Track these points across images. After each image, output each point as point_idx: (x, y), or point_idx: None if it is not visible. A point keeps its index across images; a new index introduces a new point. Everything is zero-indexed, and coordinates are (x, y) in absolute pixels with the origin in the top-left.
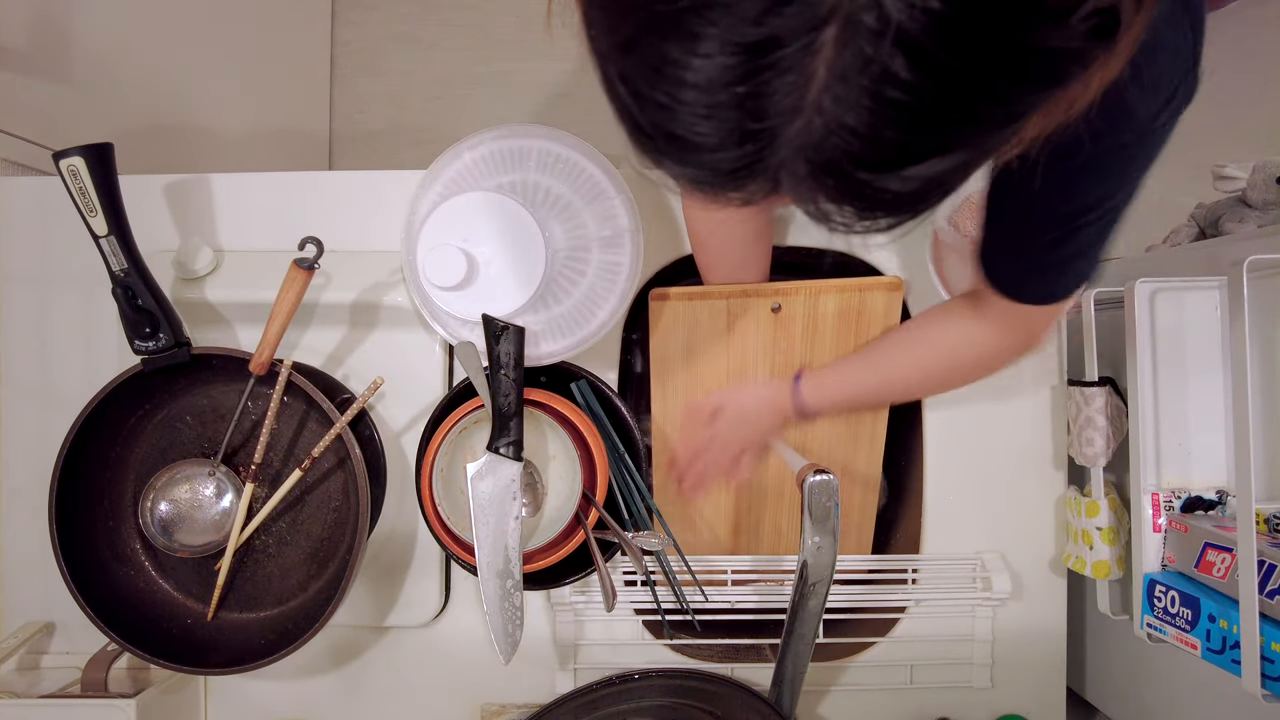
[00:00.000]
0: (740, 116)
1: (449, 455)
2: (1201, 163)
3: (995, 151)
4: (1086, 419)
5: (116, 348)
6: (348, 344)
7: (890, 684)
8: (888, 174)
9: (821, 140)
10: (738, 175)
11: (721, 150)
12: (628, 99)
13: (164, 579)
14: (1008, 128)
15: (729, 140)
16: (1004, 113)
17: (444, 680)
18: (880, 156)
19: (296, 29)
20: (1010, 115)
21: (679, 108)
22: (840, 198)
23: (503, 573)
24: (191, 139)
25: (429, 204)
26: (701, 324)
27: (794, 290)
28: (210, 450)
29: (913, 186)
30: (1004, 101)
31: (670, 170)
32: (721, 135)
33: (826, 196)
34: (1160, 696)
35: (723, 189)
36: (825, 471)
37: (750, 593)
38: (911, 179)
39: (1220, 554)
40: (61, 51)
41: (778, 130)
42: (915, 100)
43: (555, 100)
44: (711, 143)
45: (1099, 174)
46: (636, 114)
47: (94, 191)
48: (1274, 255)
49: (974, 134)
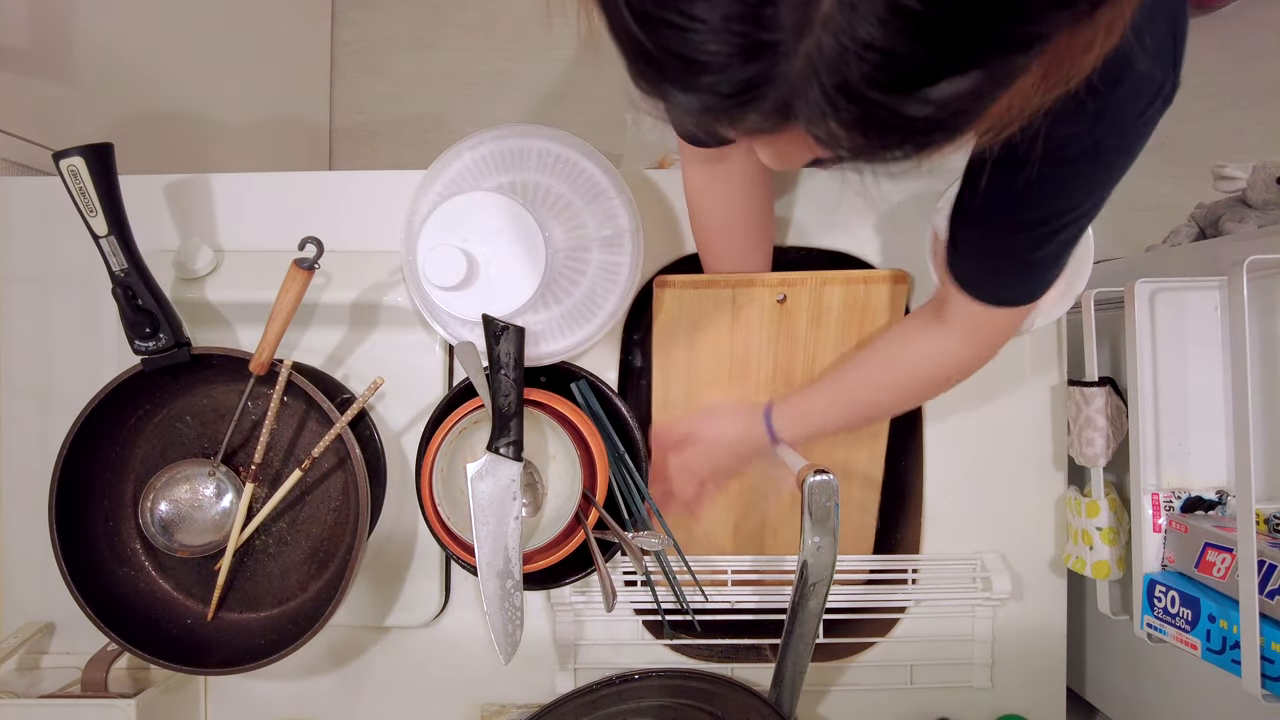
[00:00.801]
0: (749, 30)
1: (449, 455)
2: (1201, 163)
3: (1009, 83)
4: (1086, 419)
5: (116, 348)
6: (348, 344)
7: (890, 684)
8: (901, 95)
9: (833, 57)
10: (746, 97)
11: (730, 68)
12: (634, 26)
13: (164, 579)
14: (1022, 53)
15: (738, 57)
16: (1020, 32)
17: (444, 680)
18: (894, 75)
19: (296, 29)
20: (1026, 37)
21: (688, 25)
22: (852, 123)
23: (503, 573)
24: (192, 139)
25: (429, 204)
26: (706, 312)
27: (800, 281)
28: (210, 450)
29: (926, 111)
30: (1021, 16)
31: (677, 102)
32: (730, 51)
33: (838, 122)
34: (1160, 696)
35: (731, 115)
36: (825, 471)
37: (750, 593)
38: (925, 102)
39: (1220, 554)
40: (61, 51)
41: (787, 45)
42: (930, 11)
43: (555, 100)
44: (720, 60)
45: (1085, 175)
46: (643, 39)
47: (94, 191)
48: (1274, 255)
49: (989, 53)
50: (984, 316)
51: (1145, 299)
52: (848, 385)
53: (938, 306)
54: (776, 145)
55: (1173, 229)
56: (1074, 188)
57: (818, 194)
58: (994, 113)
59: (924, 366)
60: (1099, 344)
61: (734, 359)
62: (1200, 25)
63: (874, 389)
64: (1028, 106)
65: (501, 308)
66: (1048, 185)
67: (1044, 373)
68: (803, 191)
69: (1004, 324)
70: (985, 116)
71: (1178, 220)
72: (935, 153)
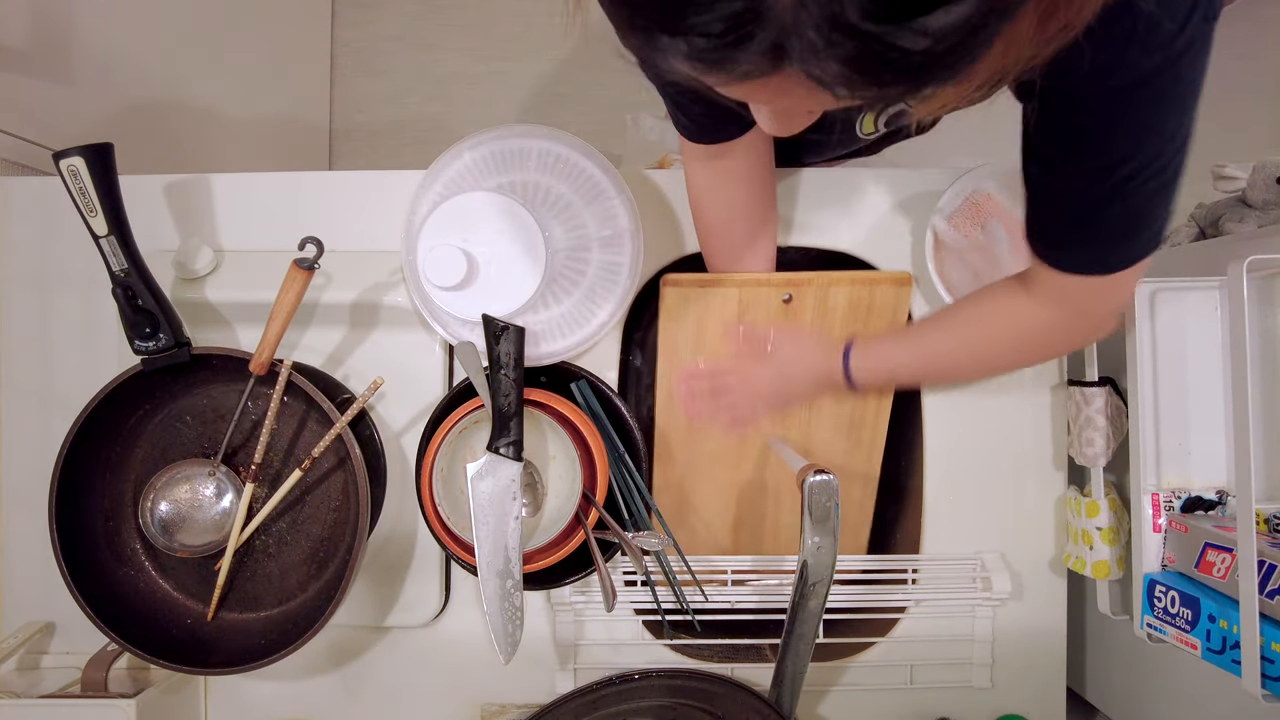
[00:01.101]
0: None
1: (449, 455)
2: (1201, 163)
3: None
4: (1086, 419)
5: (116, 348)
6: (348, 344)
7: (890, 684)
8: (896, 25)
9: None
10: (736, 35)
11: (718, 4)
12: None
13: (164, 579)
14: None
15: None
16: None
17: (444, 680)
18: (887, 3)
19: (296, 29)
20: None
21: None
22: (847, 59)
23: (503, 573)
24: (191, 139)
25: (429, 204)
26: (712, 311)
27: (806, 281)
28: (210, 450)
29: (923, 44)
30: None
31: (667, 49)
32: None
33: (833, 57)
34: (1160, 696)
35: (721, 60)
36: (825, 471)
37: (750, 593)
38: (922, 33)
39: (1220, 554)
40: (61, 51)
41: None
42: None
43: (555, 100)
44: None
45: (1127, 112)
46: None
47: (94, 191)
48: (1274, 255)
49: None
50: (1069, 285)
51: (1145, 299)
52: (930, 336)
53: (1027, 271)
54: (775, 102)
55: (1173, 229)
56: (1129, 127)
57: (815, 193)
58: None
59: (999, 326)
60: (1099, 344)
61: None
62: None
63: (954, 345)
64: (1024, 53)
65: (501, 308)
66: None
67: (1044, 373)
68: (803, 192)
69: (1087, 291)
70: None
71: (1178, 220)
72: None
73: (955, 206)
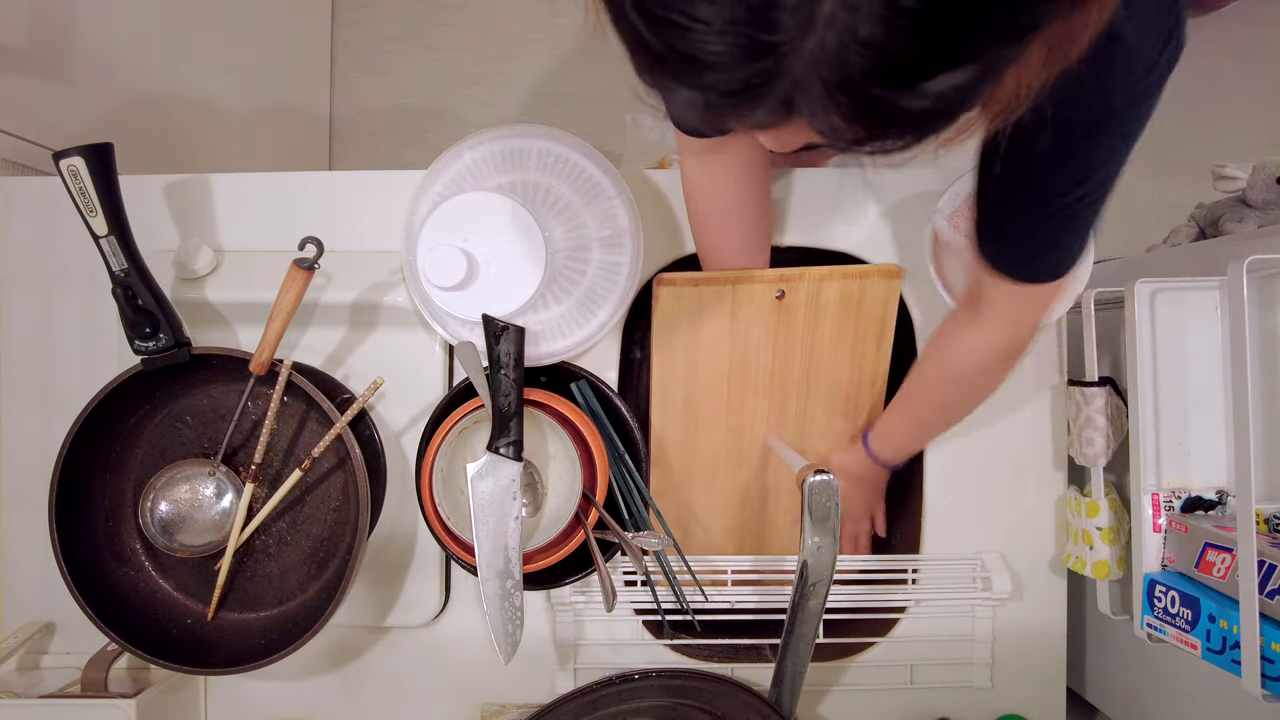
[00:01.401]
0: (752, 31)
1: (449, 455)
2: (1201, 163)
3: (1003, 72)
4: (1086, 419)
5: (116, 348)
6: (348, 344)
7: (890, 684)
8: (901, 90)
9: (835, 54)
10: (750, 94)
11: (734, 68)
12: (639, 23)
13: (164, 579)
14: (1016, 42)
15: (741, 56)
16: (1014, 22)
17: (444, 680)
18: (893, 70)
19: (296, 29)
20: (1019, 27)
21: (692, 25)
22: (854, 116)
23: (503, 573)
24: (191, 139)
25: (429, 204)
26: (705, 309)
27: (798, 276)
28: (210, 450)
29: (924, 105)
30: (1014, 9)
31: (681, 97)
32: (734, 52)
33: (840, 115)
34: (1160, 696)
35: (734, 110)
36: (825, 471)
37: (750, 593)
38: (924, 95)
39: (1220, 554)
40: (61, 51)
41: (790, 45)
42: (928, 9)
43: (555, 100)
44: (723, 60)
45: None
46: (648, 37)
47: (94, 191)
48: (1274, 255)
49: (984, 45)
50: (1016, 296)
51: (1145, 299)
52: (915, 393)
53: (972, 299)
54: (779, 137)
55: (1173, 229)
56: (1093, 154)
57: (814, 193)
58: (1003, 94)
59: (966, 361)
60: (1099, 344)
61: (733, 355)
62: (1200, 25)
63: (935, 391)
64: (1034, 85)
65: (501, 308)
66: (1065, 155)
67: (1044, 373)
68: (798, 191)
69: (1036, 303)
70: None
71: (1178, 220)
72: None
73: (955, 206)
